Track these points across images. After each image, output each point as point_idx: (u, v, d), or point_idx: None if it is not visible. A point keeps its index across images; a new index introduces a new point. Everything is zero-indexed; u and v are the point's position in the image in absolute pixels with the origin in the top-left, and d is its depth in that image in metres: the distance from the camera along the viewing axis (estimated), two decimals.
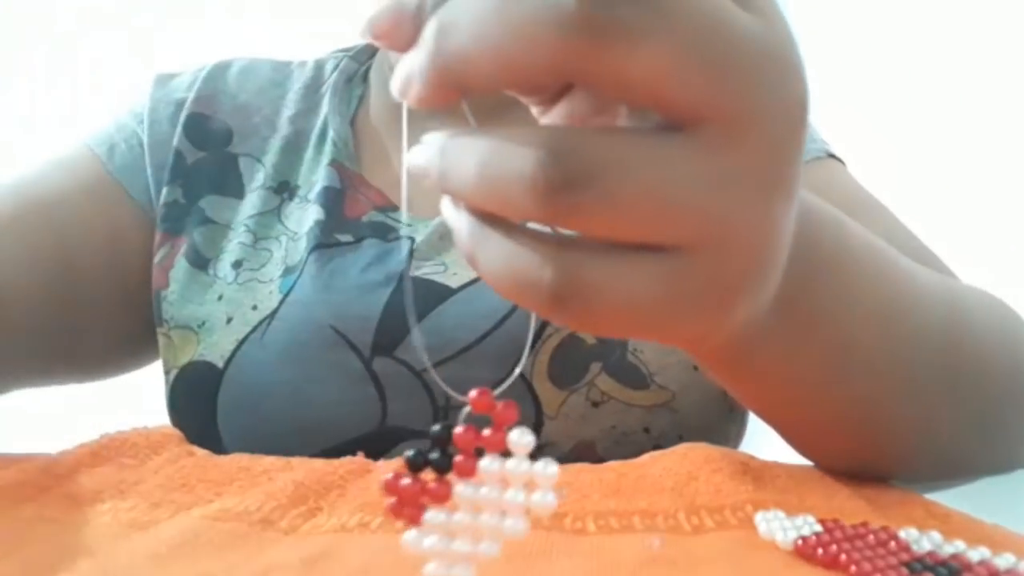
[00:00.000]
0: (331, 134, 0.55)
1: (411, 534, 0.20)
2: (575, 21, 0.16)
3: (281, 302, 0.47)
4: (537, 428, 0.45)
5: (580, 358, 0.45)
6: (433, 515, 0.20)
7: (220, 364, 0.47)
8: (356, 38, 0.59)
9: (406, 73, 0.19)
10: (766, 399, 0.32)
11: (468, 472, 0.19)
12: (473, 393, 0.20)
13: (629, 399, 0.45)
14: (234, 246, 0.51)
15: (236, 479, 0.33)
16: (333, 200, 0.52)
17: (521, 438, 0.19)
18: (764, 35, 0.18)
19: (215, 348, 0.48)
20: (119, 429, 0.38)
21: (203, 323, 0.49)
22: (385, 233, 0.50)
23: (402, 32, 0.19)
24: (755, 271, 0.21)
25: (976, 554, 0.23)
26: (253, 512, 0.29)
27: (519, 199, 0.18)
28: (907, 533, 0.25)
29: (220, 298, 0.49)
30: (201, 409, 0.44)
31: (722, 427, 0.50)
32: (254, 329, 0.47)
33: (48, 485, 0.31)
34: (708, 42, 0.17)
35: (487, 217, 0.20)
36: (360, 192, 0.53)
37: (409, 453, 0.20)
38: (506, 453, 0.20)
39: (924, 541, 0.24)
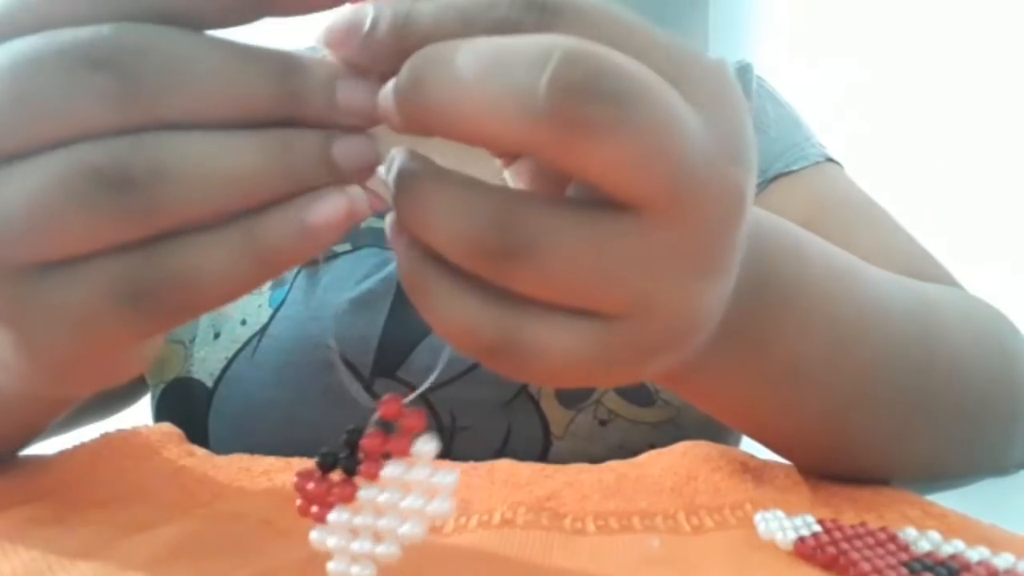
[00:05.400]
0: None
1: (316, 532, 0.21)
2: (544, 112, 0.17)
3: (272, 317, 0.46)
4: (545, 448, 0.44)
5: None
6: (337, 515, 0.20)
7: (209, 383, 0.46)
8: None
9: (380, 103, 0.20)
10: (725, 415, 0.33)
11: (372, 475, 0.20)
12: (385, 397, 0.21)
13: (635, 416, 0.45)
14: None
15: (236, 479, 0.33)
16: None
17: (424, 446, 0.20)
18: (706, 128, 0.19)
19: (203, 365, 0.46)
20: (119, 429, 0.38)
21: (193, 337, 0.48)
22: (384, 241, 0.49)
23: (353, 46, 0.19)
24: (675, 338, 0.22)
25: (975, 554, 0.23)
26: (253, 512, 0.29)
27: (464, 258, 0.19)
28: (906, 533, 0.25)
29: None
30: (190, 428, 0.42)
31: (723, 439, 0.50)
32: (244, 346, 0.46)
33: (48, 486, 0.31)
34: (661, 138, 0.18)
35: (437, 259, 0.20)
36: None
37: (322, 451, 0.21)
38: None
39: (923, 541, 0.24)
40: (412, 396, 0.22)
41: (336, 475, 0.21)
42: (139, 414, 0.51)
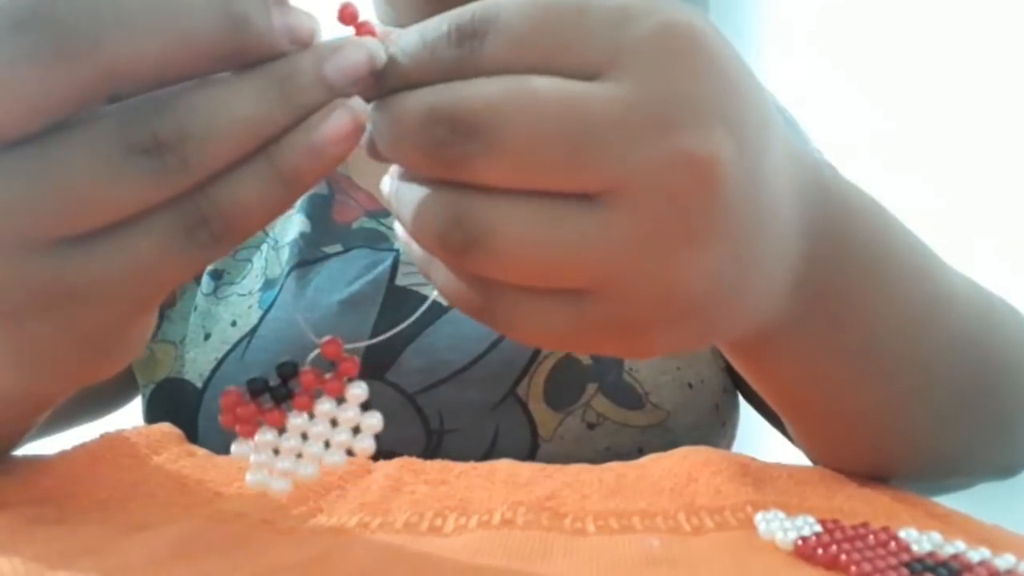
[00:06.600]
0: None
1: (237, 445, 0.24)
2: (429, 154, 0.20)
3: (261, 319, 0.46)
4: (533, 451, 0.44)
5: (576, 379, 0.44)
6: (262, 435, 0.23)
7: (199, 384, 0.46)
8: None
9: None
10: (787, 393, 0.32)
11: (306, 407, 0.23)
12: (327, 338, 0.24)
13: (624, 419, 0.45)
14: None
15: (236, 479, 0.33)
16: (320, 208, 0.50)
17: (355, 388, 0.23)
18: (621, 101, 0.19)
19: (193, 366, 0.46)
20: (119, 429, 0.37)
21: (183, 337, 0.48)
22: (376, 242, 0.49)
23: (366, 82, 0.22)
24: (661, 313, 0.22)
25: (976, 555, 0.23)
26: (253, 512, 0.28)
27: (438, 252, 0.21)
28: (907, 533, 0.25)
29: (196, 308, 0.48)
30: (180, 429, 0.41)
31: (713, 443, 0.49)
32: (234, 347, 0.45)
33: (48, 486, 0.31)
34: (546, 133, 0.19)
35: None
36: (350, 196, 0.51)
37: (250, 378, 0.24)
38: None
39: (924, 541, 0.24)
40: (373, 342, 0.26)
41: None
42: (134, 415, 0.51)
